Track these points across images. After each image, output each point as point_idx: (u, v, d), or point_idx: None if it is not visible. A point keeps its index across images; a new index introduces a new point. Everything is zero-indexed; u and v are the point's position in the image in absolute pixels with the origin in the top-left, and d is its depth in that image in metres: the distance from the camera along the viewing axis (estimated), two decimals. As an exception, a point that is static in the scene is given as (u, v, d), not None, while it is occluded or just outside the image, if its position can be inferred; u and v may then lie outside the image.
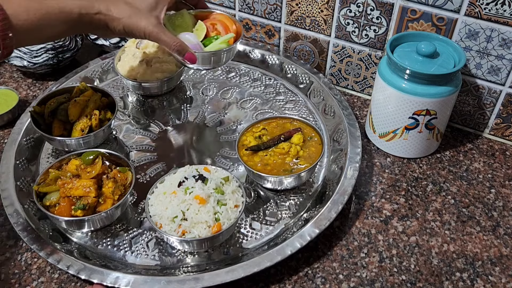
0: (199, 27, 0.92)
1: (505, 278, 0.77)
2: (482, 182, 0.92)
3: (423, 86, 0.85)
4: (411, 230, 0.83)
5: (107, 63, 1.12)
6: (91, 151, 0.84)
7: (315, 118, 1.02)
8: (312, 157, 0.85)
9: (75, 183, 0.78)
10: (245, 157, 0.86)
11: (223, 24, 0.93)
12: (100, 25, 0.81)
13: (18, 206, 0.82)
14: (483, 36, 0.89)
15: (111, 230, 0.82)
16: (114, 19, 0.80)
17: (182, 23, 0.92)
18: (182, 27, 0.91)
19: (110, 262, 0.77)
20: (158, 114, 1.04)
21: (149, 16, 0.82)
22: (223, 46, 0.89)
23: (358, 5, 0.97)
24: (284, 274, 0.77)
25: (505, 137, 0.99)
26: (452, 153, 0.97)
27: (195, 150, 0.96)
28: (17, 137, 0.94)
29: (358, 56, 1.05)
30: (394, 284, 0.76)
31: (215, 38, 0.90)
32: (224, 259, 0.78)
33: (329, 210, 0.81)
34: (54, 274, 0.77)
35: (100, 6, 0.79)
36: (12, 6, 0.70)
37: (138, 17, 0.81)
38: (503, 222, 0.85)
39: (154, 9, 0.83)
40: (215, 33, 0.92)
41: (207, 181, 0.78)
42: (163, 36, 0.82)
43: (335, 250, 0.80)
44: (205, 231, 0.73)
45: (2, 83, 1.13)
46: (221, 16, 0.94)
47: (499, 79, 0.93)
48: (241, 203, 0.78)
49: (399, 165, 0.95)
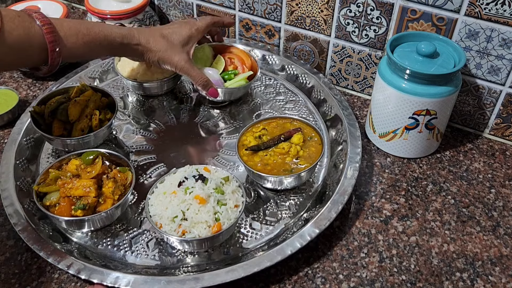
0: (218, 61, 1.04)
1: (505, 278, 0.77)
2: (482, 182, 0.92)
3: (423, 86, 0.85)
4: (411, 230, 0.83)
5: (107, 63, 1.12)
6: (91, 151, 0.84)
7: (315, 118, 1.02)
8: (312, 157, 0.85)
9: (75, 183, 0.78)
10: (245, 157, 0.86)
11: (239, 59, 1.05)
12: (137, 54, 0.89)
13: (18, 206, 0.82)
14: (483, 36, 0.89)
15: (111, 230, 0.82)
16: (151, 51, 0.89)
17: (203, 55, 1.03)
18: (203, 60, 1.03)
19: (110, 262, 0.77)
20: (158, 114, 1.04)
21: (181, 51, 0.91)
22: (242, 83, 1.00)
23: (358, 5, 0.97)
24: (284, 274, 0.77)
25: (505, 137, 0.99)
26: (452, 153, 0.97)
27: (195, 150, 0.96)
28: (17, 137, 0.94)
29: (358, 56, 1.05)
30: (394, 284, 0.76)
31: (233, 73, 1.02)
32: (224, 259, 0.78)
33: (329, 210, 0.81)
34: (54, 274, 0.77)
35: (140, 38, 0.87)
36: (63, 29, 0.77)
37: (172, 52, 0.90)
38: (503, 222, 0.85)
39: (186, 44, 0.93)
40: (232, 67, 1.04)
41: (207, 181, 0.78)
42: (192, 72, 0.92)
43: (335, 250, 0.80)
44: (205, 231, 0.73)
45: (2, 83, 1.13)
46: (238, 51, 1.06)
47: (499, 79, 0.93)
48: (241, 203, 0.78)
49: (399, 165, 0.95)
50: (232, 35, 1.20)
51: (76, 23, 0.80)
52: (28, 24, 0.73)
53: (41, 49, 0.75)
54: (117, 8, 1.15)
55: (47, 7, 1.19)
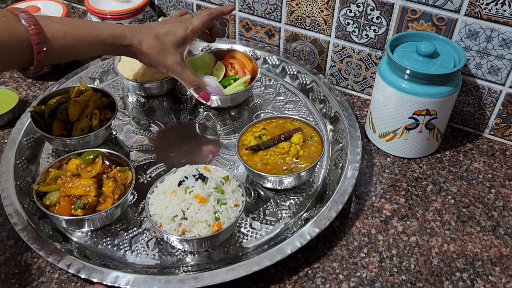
0: (218, 67, 1.04)
1: (505, 278, 0.77)
2: (482, 182, 0.92)
3: (423, 86, 0.85)
4: (411, 230, 0.83)
5: (107, 64, 1.12)
6: (91, 150, 0.84)
7: (315, 118, 1.02)
8: (312, 156, 0.86)
9: (75, 182, 0.78)
10: (245, 156, 0.86)
11: (240, 63, 1.04)
12: (129, 55, 0.87)
13: (18, 206, 0.82)
14: (483, 36, 0.89)
15: (111, 230, 0.82)
16: (143, 54, 0.86)
17: (203, 64, 1.03)
18: (203, 68, 1.03)
19: (110, 262, 0.77)
20: (158, 114, 1.04)
21: (174, 53, 0.88)
22: (240, 88, 0.99)
23: (358, 5, 0.97)
24: (284, 274, 0.77)
25: (505, 137, 0.99)
26: (452, 153, 0.97)
27: (195, 150, 0.96)
28: (17, 137, 0.94)
29: (358, 56, 1.05)
30: (394, 284, 0.76)
31: (233, 78, 1.01)
32: (224, 259, 0.78)
33: (329, 209, 0.81)
34: (54, 274, 0.77)
35: (133, 39, 0.84)
36: (51, 30, 0.74)
37: (165, 54, 0.87)
38: (503, 222, 0.85)
39: (180, 46, 0.90)
40: (233, 72, 1.04)
41: (207, 180, 0.78)
42: (183, 75, 0.90)
43: (335, 250, 0.80)
44: (205, 230, 0.73)
45: (2, 83, 1.13)
46: (238, 55, 1.06)
47: (499, 79, 0.93)
48: (241, 202, 0.78)
49: (399, 165, 0.95)
50: (232, 35, 1.20)
51: (65, 22, 0.77)
52: (13, 25, 0.70)
53: (27, 51, 0.72)
54: (117, 8, 1.15)
55: (47, 7, 1.19)
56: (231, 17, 1.15)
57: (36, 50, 0.72)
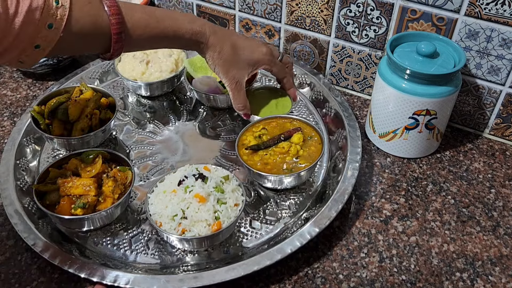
0: None
1: (505, 278, 0.77)
2: (482, 182, 0.92)
3: (423, 86, 0.85)
4: (411, 230, 0.83)
5: (107, 64, 1.12)
6: (91, 150, 0.84)
7: (315, 118, 1.02)
8: (312, 156, 0.85)
9: (75, 182, 0.78)
10: (245, 156, 0.86)
11: None
12: (197, 50, 0.84)
13: (18, 206, 0.82)
14: (483, 36, 0.89)
15: (111, 229, 0.82)
16: (212, 55, 0.84)
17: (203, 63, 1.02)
18: (204, 68, 1.02)
19: (110, 261, 0.77)
20: (158, 114, 1.04)
21: (240, 69, 0.87)
22: None
23: (358, 5, 0.97)
24: (284, 274, 0.77)
25: (505, 137, 0.99)
26: (452, 153, 0.97)
27: (195, 150, 0.96)
28: (17, 137, 0.94)
29: (358, 56, 1.05)
30: (394, 284, 0.76)
31: None
32: (224, 258, 0.77)
33: (329, 209, 0.80)
34: (54, 274, 0.77)
35: (210, 38, 0.82)
36: (132, 20, 0.73)
37: (232, 66, 0.86)
38: (503, 222, 0.85)
39: (250, 67, 0.88)
40: None
41: (207, 179, 0.78)
42: (237, 95, 0.89)
43: (335, 250, 0.80)
44: (205, 230, 0.73)
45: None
46: None
47: (499, 79, 0.93)
48: (241, 201, 0.78)
49: (399, 165, 0.95)
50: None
51: (147, 13, 0.76)
52: (96, 12, 0.69)
53: (106, 38, 0.71)
54: (118, 9, 1.15)
55: None
56: (231, 17, 1.15)
57: (115, 40, 0.71)
